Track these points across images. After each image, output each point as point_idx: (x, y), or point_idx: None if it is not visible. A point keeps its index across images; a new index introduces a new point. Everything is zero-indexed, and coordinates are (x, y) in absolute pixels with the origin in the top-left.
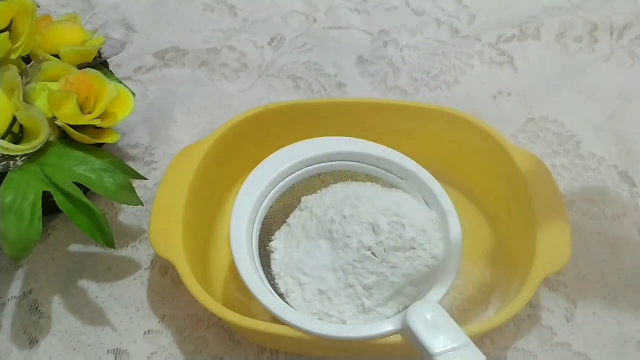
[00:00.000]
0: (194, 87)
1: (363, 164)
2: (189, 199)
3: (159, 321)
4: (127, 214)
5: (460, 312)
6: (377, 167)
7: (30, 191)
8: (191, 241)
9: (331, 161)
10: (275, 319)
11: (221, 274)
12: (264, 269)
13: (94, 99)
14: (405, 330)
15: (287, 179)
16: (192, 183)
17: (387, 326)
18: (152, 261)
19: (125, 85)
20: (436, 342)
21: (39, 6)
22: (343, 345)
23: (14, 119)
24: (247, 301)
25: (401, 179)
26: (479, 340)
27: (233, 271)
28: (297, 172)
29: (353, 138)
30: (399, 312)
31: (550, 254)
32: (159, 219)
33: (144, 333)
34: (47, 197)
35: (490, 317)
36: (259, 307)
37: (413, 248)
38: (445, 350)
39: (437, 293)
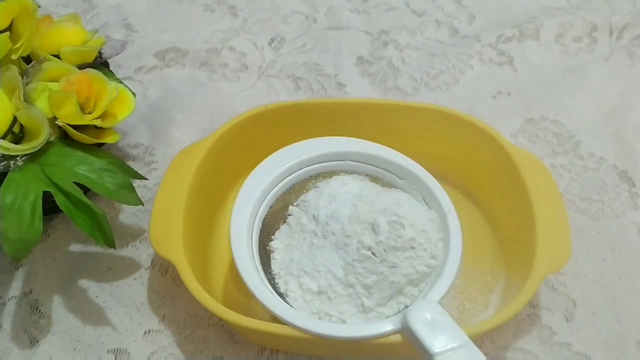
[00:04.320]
0: (194, 87)
1: (363, 164)
2: (189, 199)
3: (159, 321)
4: (127, 214)
5: (460, 312)
6: (377, 167)
7: (30, 191)
8: (191, 241)
9: (331, 161)
10: (275, 319)
11: (221, 274)
12: (264, 269)
13: (94, 99)
14: (405, 330)
15: (287, 179)
16: (192, 183)
17: (387, 326)
18: (152, 261)
19: (126, 86)
20: (436, 342)
21: (39, 6)
22: (343, 345)
23: (15, 119)
24: (247, 301)
25: (401, 179)
26: (479, 340)
27: (233, 271)
28: (297, 172)
29: (353, 138)
30: (399, 312)
31: (550, 253)
32: (159, 218)
33: (144, 333)
34: (47, 197)
35: (490, 317)
36: (259, 307)
37: (413, 248)
38: (445, 350)
39: (437, 293)
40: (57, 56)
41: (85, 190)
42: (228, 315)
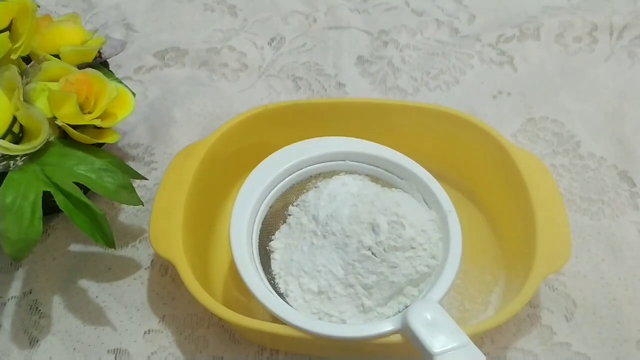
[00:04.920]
0: (194, 87)
1: (363, 164)
2: (189, 199)
3: (159, 321)
4: (127, 214)
5: (460, 312)
6: (377, 167)
7: (30, 191)
8: (191, 241)
9: (331, 161)
10: (275, 319)
11: (221, 274)
12: (264, 269)
13: (94, 99)
14: (405, 330)
15: (287, 179)
16: (192, 183)
17: (387, 326)
18: (152, 261)
19: (126, 85)
20: (436, 342)
21: (39, 6)
22: (343, 345)
23: (14, 119)
24: (247, 301)
25: (401, 179)
26: (479, 340)
27: (233, 271)
28: (297, 172)
29: (353, 138)
30: (399, 312)
31: (551, 253)
32: (159, 219)
33: (144, 333)
34: (47, 197)
35: (490, 317)
36: (259, 307)
37: (413, 248)
38: (445, 350)
39: (437, 292)
40: (57, 56)
41: (85, 190)
42: (228, 315)
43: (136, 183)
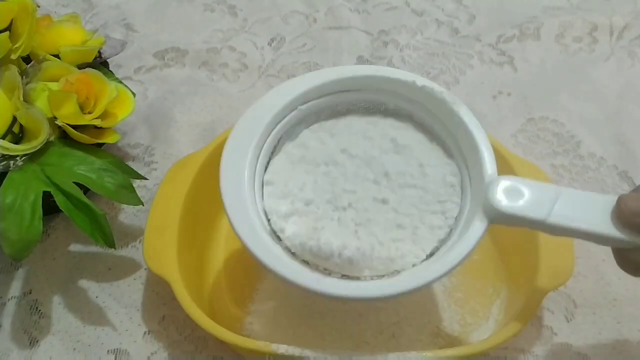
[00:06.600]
0: (194, 87)
1: (321, 99)
2: (183, 215)
3: (159, 321)
4: (127, 214)
5: (462, 327)
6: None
7: (30, 191)
8: (187, 257)
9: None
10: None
11: (217, 289)
12: None
13: (94, 99)
14: (500, 218)
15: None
16: (187, 197)
17: (477, 229)
18: None
19: (126, 85)
20: (538, 209)
21: (39, 6)
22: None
23: (14, 119)
24: (244, 315)
25: (377, 90)
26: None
27: (230, 284)
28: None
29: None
30: (453, 220)
31: (554, 267)
32: (153, 236)
33: (144, 333)
34: (47, 197)
35: (492, 335)
36: (255, 322)
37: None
38: (549, 210)
39: (490, 167)
40: (57, 56)
41: (85, 190)
42: (226, 336)
43: (136, 183)
